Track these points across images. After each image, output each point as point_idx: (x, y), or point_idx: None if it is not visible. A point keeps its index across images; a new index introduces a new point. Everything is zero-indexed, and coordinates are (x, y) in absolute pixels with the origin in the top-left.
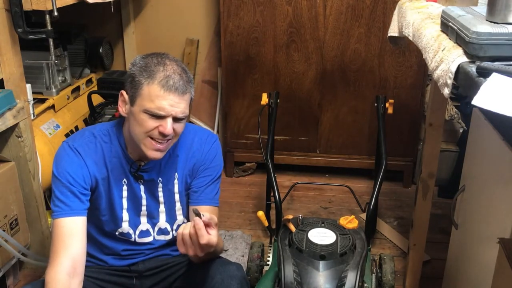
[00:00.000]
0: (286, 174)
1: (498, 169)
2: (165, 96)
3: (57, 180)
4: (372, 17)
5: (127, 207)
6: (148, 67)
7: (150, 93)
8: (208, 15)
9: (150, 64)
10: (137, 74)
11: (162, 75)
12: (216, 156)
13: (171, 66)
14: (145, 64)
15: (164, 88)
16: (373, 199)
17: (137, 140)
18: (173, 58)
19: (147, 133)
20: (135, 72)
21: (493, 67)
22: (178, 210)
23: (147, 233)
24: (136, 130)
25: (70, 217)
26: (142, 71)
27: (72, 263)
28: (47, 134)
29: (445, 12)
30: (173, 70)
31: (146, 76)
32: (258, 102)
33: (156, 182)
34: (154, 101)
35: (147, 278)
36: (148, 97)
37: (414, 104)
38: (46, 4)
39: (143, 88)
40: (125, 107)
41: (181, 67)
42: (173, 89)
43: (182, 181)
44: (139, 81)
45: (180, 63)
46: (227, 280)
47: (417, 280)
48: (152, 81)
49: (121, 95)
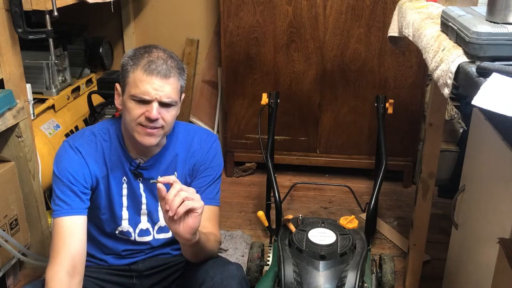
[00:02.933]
0: (286, 174)
1: (498, 169)
2: (148, 80)
3: (58, 179)
4: (372, 17)
5: (127, 205)
6: (135, 56)
7: (135, 78)
8: (208, 15)
9: (137, 53)
10: (125, 63)
11: (146, 60)
12: (216, 155)
13: (157, 53)
14: (133, 53)
15: (146, 72)
16: (373, 199)
17: (130, 130)
18: (161, 47)
19: (136, 120)
20: (124, 62)
21: (493, 67)
22: None
23: (147, 232)
24: (127, 119)
25: (70, 216)
26: (129, 60)
27: (72, 262)
28: (47, 134)
29: (445, 12)
30: (158, 56)
31: (131, 64)
32: (258, 102)
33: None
34: (139, 86)
35: (147, 278)
36: (133, 83)
37: (414, 104)
38: (46, 4)
39: (129, 76)
40: (119, 99)
41: (168, 53)
42: (155, 72)
43: (182, 181)
44: (126, 69)
45: (169, 51)
46: (227, 280)
47: (417, 280)
48: (136, 67)
49: (116, 88)
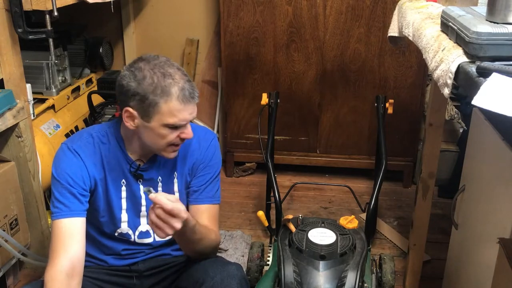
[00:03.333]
0: (286, 174)
1: (498, 169)
2: (185, 108)
3: (57, 181)
4: (372, 17)
5: (126, 208)
6: (158, 85)
7: (170, 109)
8: (208, 15)
9: (158, 80)
10: (148, 93)
11: (177, 89)
12: (215, 153)
13: (177, 74)
14: (152, 81)
15: (183, 101)
16: (373, 199)
17: (156, 149)
18: (169, 63)
19: (170, 143)
20: (144, 91)
21: (493, 67)
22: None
23: (147, 234)
24: (157, 142)
25: (69, 218)
26: (154, 90)
27: (71, 264)
28: (47, 134)
29: (445, 12)
30: (181, 78)
31: (161, 95)
32: (258, 102)
33: (156, 181)
34: (177, 116)
35: (147, 278)
36: (168, 114)
37: (414, 104)
38: (46, 4)
39: (160, 106)
40: (134, 121)
41: (181, 69)
42: (190, 98)
43: (182, 180)
44: (154, 101)
45: (176, 64)
46: (227, 280)
47: (417, 280)
48: (169, 98)
49: (126, 111)
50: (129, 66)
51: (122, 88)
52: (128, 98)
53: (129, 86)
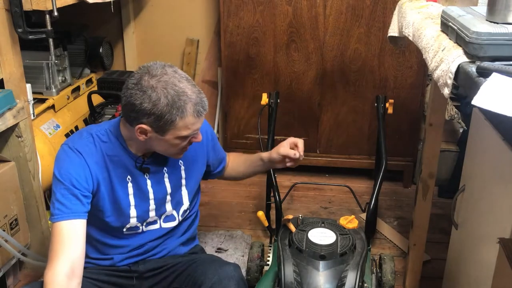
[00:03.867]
0: (286, 174)
1: (498, 169)
2: (199, 120)
3: (60, 182)
4: (372, 17)
5: (135, 204)
6: (174, 105)
7: (186, 124)
8: (208, 15)
9: (173, 100)
10: (165, 111)
11: (191, 105)
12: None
13: (188, 89)
14: (167, 101)
15: (198, 115)
16: (373, 199)
17: (166, 154)
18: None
19: (181, 148)
20: (160, 112)
21: (493, 67)
22: (184, 196)
23: (154, 222)
24: (169, 150)
25: (70, 219)
26: (170, 108)
27: (71, 265)
28: (47, 134)
29: (445, 12)
30: (192, 92)
31: (177, 114)
32: (258, 102)
33: (162, 172)
34: (191, 128)
35: (146, 279)
36: (184, 128)
37: (414, 104)
38: (46, 4)
39: (177, 122)
40: (147, 135)
41: (189, 79)
42: (203, 111)
43: (188, 167)
44: (171, 119)
45: (181, 72)
46: (225, 281)
47: (417, 280)
48: (185, 115)
49: (139, 128)
50: (137, 84)
51: (133, 107)
52: (141, 116)
53: (143, 107)
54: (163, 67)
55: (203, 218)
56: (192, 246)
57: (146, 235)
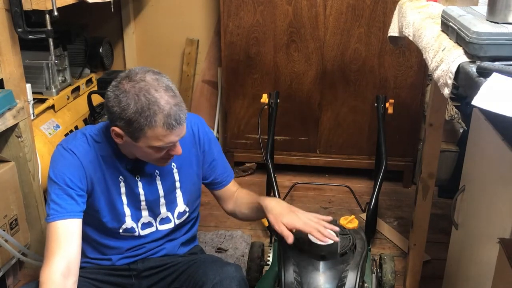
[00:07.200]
0: (286, 174)
1: (498, 169)
2: (172, 133)
3: (54, 183)
4: (372, 17)
5: (127, 203)
6: (143, 114)
7: (156, 135)
8: (208, 15)
9: (142, 108)
10: (133, 118)
11: (161, 116)
12: (207, 133)
13: (162, 99)
14: (136, 109)
15: (169, 128)
16: (373, 199)
17: (148, 161)
18: (157, 83)
19: (159, 158)
20: (128, 118)
21: (494, 67)
22: (178, 197)
23: (150, 225)
24: (146, 157)
25: (65, 219)
26: (138, 116)
27: (67, 264)
28: (47, 134)
29: (445, 12)
30: (167, 103)
31: (145, 123)
32: (258, 102)
33: (154, 175)
34: (163, 140)
35: (145, 278)
36: (154, 138)
37: (414, 104)
38: (46, 4)
39: (145, 131)
40: (122, 139)
41: (170, 89)
42: (176, 125)
43: (181, 169)
44: (139, 126)
45: (165, 80)
46: (226, 281)
47: (417, 280)
48: (154, 125)
49: (113, 130)
50: (115, 87)
51: (108, 109)
52: (115, 119)
53: (113, 109)
54: (145, 72)
55: (203, 218)
56: (192, 246)
57: (143, 238)
